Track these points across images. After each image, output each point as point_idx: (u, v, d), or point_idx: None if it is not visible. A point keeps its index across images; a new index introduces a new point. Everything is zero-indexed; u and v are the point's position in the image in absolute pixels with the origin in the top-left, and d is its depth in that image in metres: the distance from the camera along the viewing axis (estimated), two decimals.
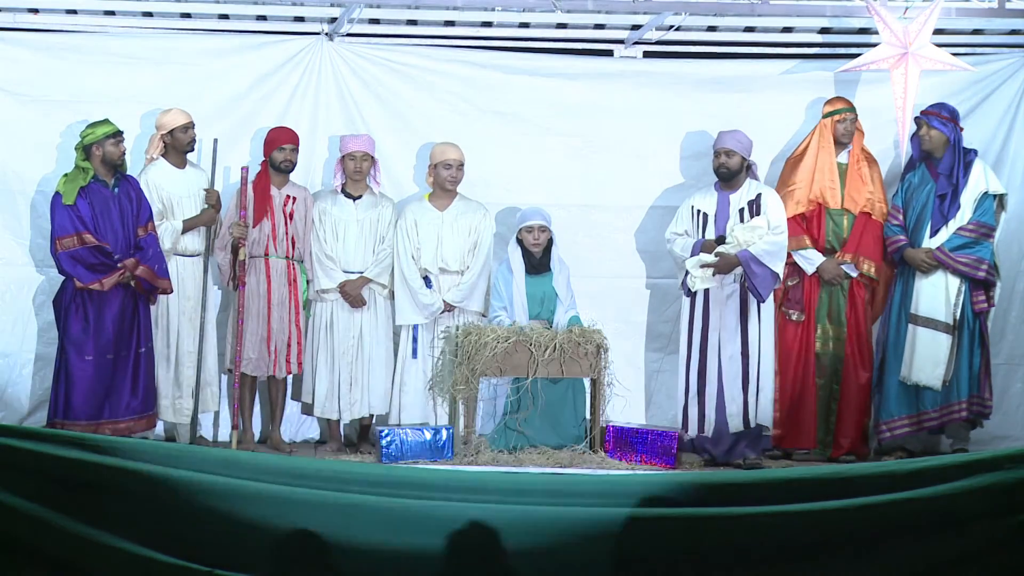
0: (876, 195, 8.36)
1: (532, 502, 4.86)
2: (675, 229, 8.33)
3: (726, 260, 8.03)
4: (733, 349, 8.05)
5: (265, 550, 4.74)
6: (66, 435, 5.68)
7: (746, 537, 4.79)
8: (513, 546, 4.75)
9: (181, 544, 4.72)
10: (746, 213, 8.12)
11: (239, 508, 4.76)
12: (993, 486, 4.77)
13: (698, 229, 8.22)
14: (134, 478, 4.76)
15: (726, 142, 8.18)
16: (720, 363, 8.06)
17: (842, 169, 8.39)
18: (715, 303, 8.11)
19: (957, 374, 8.13)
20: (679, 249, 8.23)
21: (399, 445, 7.80)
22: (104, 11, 8.75)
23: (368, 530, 4.76)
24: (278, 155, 8.28)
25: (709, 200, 8.25)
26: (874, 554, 4.77)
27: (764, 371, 8.07)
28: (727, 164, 8.17)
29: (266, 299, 8.28)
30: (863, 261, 8.29)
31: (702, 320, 8.13)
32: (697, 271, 8.07)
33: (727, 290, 8.10)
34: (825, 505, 4.83)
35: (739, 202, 8.16)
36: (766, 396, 8.07)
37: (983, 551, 4.75)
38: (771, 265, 8.01)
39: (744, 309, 8.08)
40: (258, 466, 4.94)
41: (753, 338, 8.05)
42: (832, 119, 8.38)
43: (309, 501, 4.78)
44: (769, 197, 8.16)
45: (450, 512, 4.79)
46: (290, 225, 8.31)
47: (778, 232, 8.07)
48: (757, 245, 7.99)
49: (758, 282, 8.00)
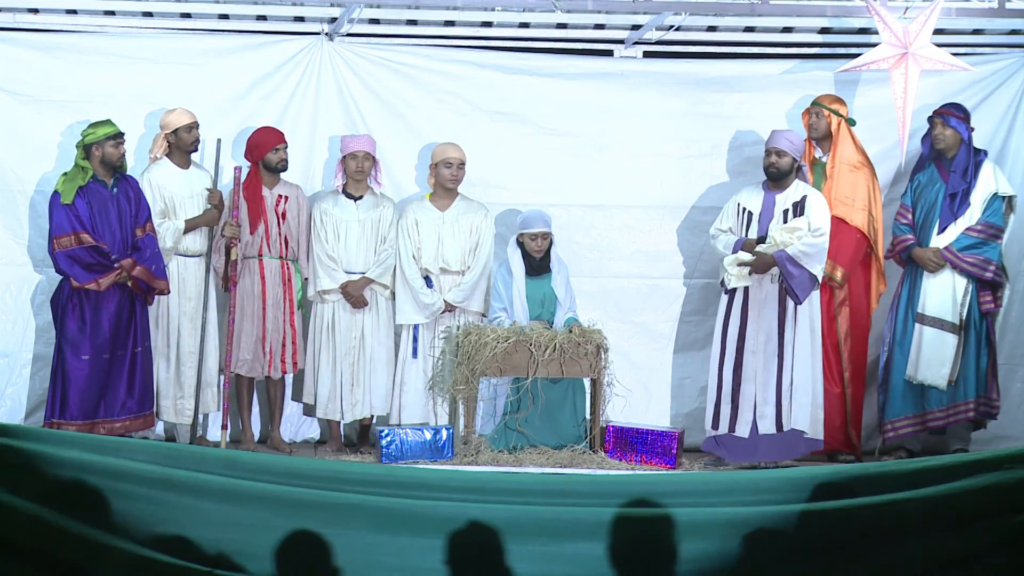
0: (857, 201, 8.30)
1: (532, 502, 4.86)
2: (720, 226, 8.26)
3: (762, 259, 7.99)
4: (769, 350, 8.00)
5: (265, 550, 4.74)
6: (66, 435, 5.70)
7: (745, 537, 4.79)
8: (513, 546, 4.75)
9: (181, 544, 4.72)
10: (790, 214, 8.05)
11: (239, 508, 4.76)
12: (993, 486, 4.76)
13: (742, 227, 8.16)
14: (134, 478, 4.76)
15: (778, 142, 8.08)
16: (756, 364, 8.01)
17: (821, 168, 8.36)
18: (754, 303, 8.05)
19: (964, 374, 8.13)
20: (721, 246, 8.18)
21: (399, 445, 7.80)
22: (104, 11, 8.75)
23: (368, 530, 4.76)
24: (272, 156, 8.27)
25: (755, 198, 8.19)
26: (874, 554, 4.77)
27: (800, 375, 7.99)
28: (777, 164, 8.09)
29: (260, 299, 8.27)
30: (835, 268, 8.23)
31: (740, 319, 8.06)
32: (734, 269, 8.04)
33: (766, 290, 8.05)
34: (825, 505, 4.83)
35: (784, 203, 8.08)
36: (802, 400, 7.98)
37: (983, 551, 4.75)
38: (808, 267, 7.94)
39: (783, 311, 8.03)
40: (258, 466, 4.94)
41: (789, 340, 7.98)
42: (804, 112, 8.41)
43: (309, 501, 4.78)
44: (814, 199, 8.07)
45: (450, 512, 4.78)
46: (283, 225, 8.30)
47: (818, 235, 7.97)
48: (794, 246, 7.93)
49: (795, 283, 7.93)
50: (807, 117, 8.42)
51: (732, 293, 8.10)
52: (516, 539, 4.76)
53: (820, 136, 8.39)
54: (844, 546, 4.78)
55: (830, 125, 8.37)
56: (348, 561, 4.74)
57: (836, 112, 8.38)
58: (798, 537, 4.79)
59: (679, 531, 4.77)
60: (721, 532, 4.79)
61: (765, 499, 4.89)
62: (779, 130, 8.18)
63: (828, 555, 4.79)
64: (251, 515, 4.76)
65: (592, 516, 4.81)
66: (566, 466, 7.70)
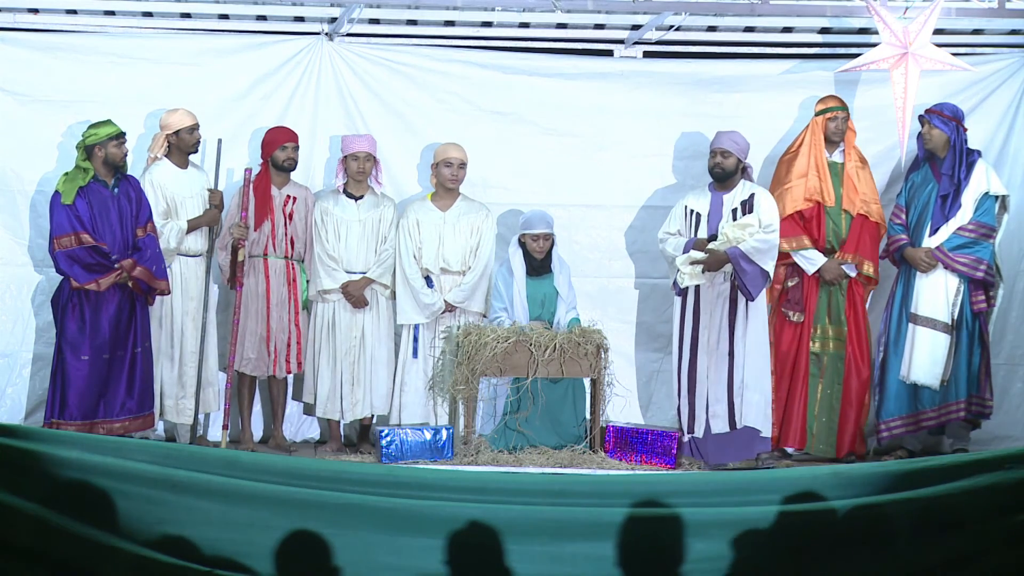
0: (870, 196, 8.36)
1: (532, 502, 4.86)
2: (668, 229, 8.31)
3: (715, 256, 8.02)
4: (721, 349, 8.03)
5: (265, 550, 4.74)
6: (66, 435, 5.70)
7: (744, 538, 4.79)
8: (513, 546, 4.75)
9: (181, 544, 4.72)
10: (739, 213, 8.10)
11: (239, 508, 4.77)
12: (993, 486, 4.77)
13: (691, 229, 8.20)
14: (134, 478, 4.76)
15: (723, 142, 8.17)
16: (708, 363, 8.04)
17: (837, 168, 8.39)
18: (705, 302, 8.10)
19: (956, 374, 8.13)
20: (671, 248, 8.22)
21: (399, 445, 7.80)
22: (104, 11, 8.74)
23: (368, 530, 4.76)
24: (280, 154, 8.28)
25: (702, 200, 8.24)
26: (874, 554, 4.77)
27: (752, 372, 8.02)
28: (722, 164, 8.16)
29: (265, 299, 8.28)
30: (863, 261, 8.29)
31: (692, 319, 8.11)
32: (687, 268, 8.05)
33: (718, 289, 8.08)
34: (824, 505, 4.84)
35: (732, 202, 8.14)
36: (754, 397, 8.02)
37: (983, 551, 4.75)
38: (761, 263, 7.99)
39: (733, 309, 8.06)
40: (258, 466, 4.95)
41: (740, 337, 8.02)
42: (824, 117, 8.39)
43: (309, 501, 4.79)
44: (762, 197, 8.14)
45: (450, 512, 4.79)
46: (289, 225, 8.31)
47: (769, 231, 8.04)
48: (747, 242, 7.97)
49: (748, 280, 7.98)
50: (831, 123, 8.35)
51: (684, 293, 8.12)
52: (516, 539, 4.76)
53: (840, 139, 8.40)
54: (844, 546, 4.79)
55: (849, 127, 8.41)
56: (348, 561, 4.74)
57: (847, 112, 8.43)
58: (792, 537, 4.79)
59: (687, 531, 4.77)
60: (726, 532, 4.79)
61: (765, 499, 4.90)
62: (723, 131, 8.22)
63: (825, 555, 4.79)
64: (251, 515, 4.76)
65: (599, 516, 4.82)
66: (566, 466, 7.71)
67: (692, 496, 4.91)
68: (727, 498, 4.93)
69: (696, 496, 4.92)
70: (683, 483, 5.24)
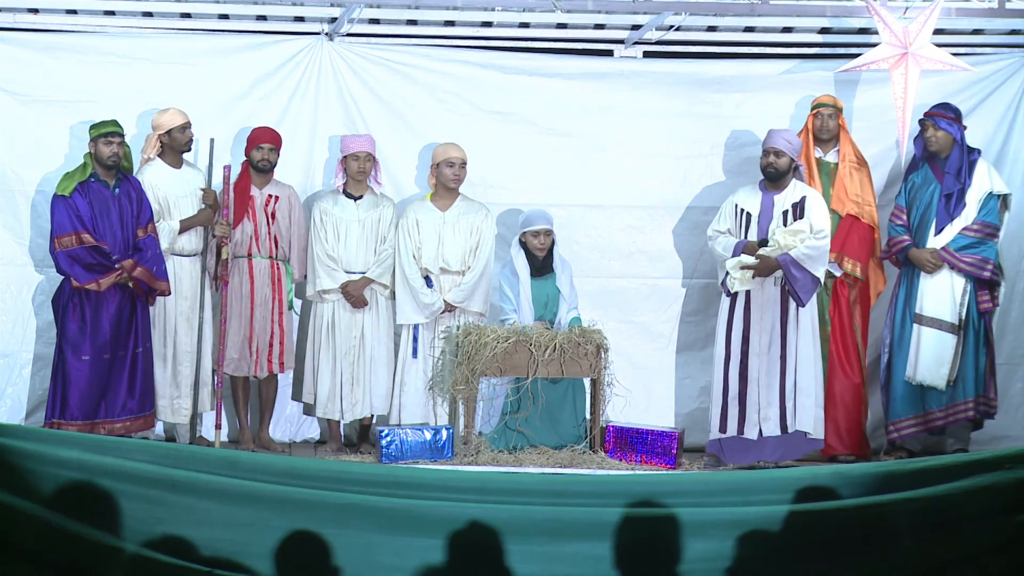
0: (864, 198, 8.34)
1: (532, 502, 4.86)
2: (717, 227, 8.24)
3: (766, 263, 7.97)
4: (772, 353, 7.99)
5: (265, 550, 4.74)
6: (67, 435, 5.70)
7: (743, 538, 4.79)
8: (513, 546, 4.75)
9: (181, 545, 4.72)
10: (790, 215, 8.04)
11: (239, 508, 4.76)
12: (993, 486, 4.76)
13: (741, 228, 8.15)
14: (134, 478, 4.76)
15: (776, 142, 8.06)
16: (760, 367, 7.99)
17: (829, 168, 8.39)
18: (756, 306, 8.04)
19: (963, 374, 8.13)
20: (720, 248, 8.16)
21: (399, 445, 7.80)
22: (104, 11, 8.74)
23: (368, 530, 4.76)
24: (256, 154, 8.26)
25: (753, 199, 8.16)
26: (874, 554, 4.77)
27: (803, 377, 7.99)
28: (775, 164, 8.06)
29: (249, 299, 8.28)
30: (847, 260, 8.27)
31: (743, 322, 8.04)
32: (737, 272, 8.02)
33: (768, 293, 8.03)
34: (824, 505, 4.84)
35: (783, 203, 8.06)
36: (807, 402, 7.97)
37: (983, 551, 4.75)
38: (812, 269, 7.93)
39: (784, 313, 8.02)
40: (258, 466, 4.94)
41: (791, 342, 7.98)
42: (811, 114, 8.40)
43: (309, 501, 4.78)
44: (814, 200, 8.06)
45: (450, 512, 4.79)
46: (272, 225, 8.30)
47: (821, 236, 7.97)
48: (798, 249, 7.92)
49: (798, 286, 7.93)
50: (816, 120, 8.39)
51: (734, 296, 8.09)
52: (516, 539, 4.76)
53: (830, 137, 8.40)
54: (843, 546, 4.79)
55: (839, 125, 8.40)
56: (348, 561, 4.74)
57: (841, 112, 8.41)
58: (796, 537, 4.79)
59: (683, 531, 4.77)
60: (722, 532, 4.79)
61: (766, 499, 4.90)
62: (776, 130, 8.16)
63: (827, 555, 4.79)
64: (251, 515, 4.76)
65: (596, 516, 4.81)
66: (566, 466, 7.71)
67: (690, 496, 4.91)
68: (727, 498, 4.92)
69: (695, 496, 4.92)
70: (682, 483, 5.23)
